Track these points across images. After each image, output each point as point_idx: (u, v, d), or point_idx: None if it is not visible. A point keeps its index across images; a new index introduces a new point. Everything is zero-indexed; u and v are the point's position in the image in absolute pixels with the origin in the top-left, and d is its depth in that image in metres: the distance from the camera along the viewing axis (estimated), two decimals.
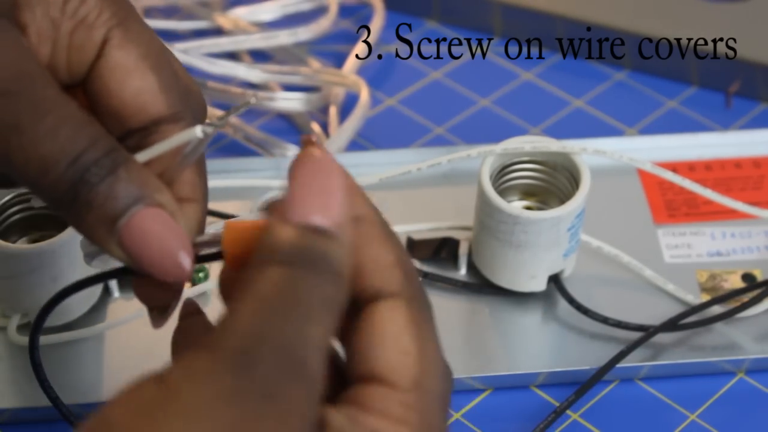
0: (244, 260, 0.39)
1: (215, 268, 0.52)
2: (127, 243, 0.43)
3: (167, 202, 0.43)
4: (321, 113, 0.74)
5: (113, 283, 0.62)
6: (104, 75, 0.46)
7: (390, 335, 0.38)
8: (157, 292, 0.46)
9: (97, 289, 0.61)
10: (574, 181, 0.61)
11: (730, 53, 0.75)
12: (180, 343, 0.45)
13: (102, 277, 0.47)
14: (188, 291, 0.60)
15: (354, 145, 0.72)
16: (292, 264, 0.37)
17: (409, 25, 0.80)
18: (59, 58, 0.46)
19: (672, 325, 0.61)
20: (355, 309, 0.39)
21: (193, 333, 0.45)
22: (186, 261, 0.43)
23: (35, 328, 0.53)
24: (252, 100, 0.45)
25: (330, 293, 0.37)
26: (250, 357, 0.35)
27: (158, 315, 0.46)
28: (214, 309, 0.62)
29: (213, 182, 0.50)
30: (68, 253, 0.58)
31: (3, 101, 0.42)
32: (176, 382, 0.35)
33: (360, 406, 0.38)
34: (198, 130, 0.43)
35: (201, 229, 0.46)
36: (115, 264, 0.45)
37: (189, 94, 0.48)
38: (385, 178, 0.62)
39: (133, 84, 0.46)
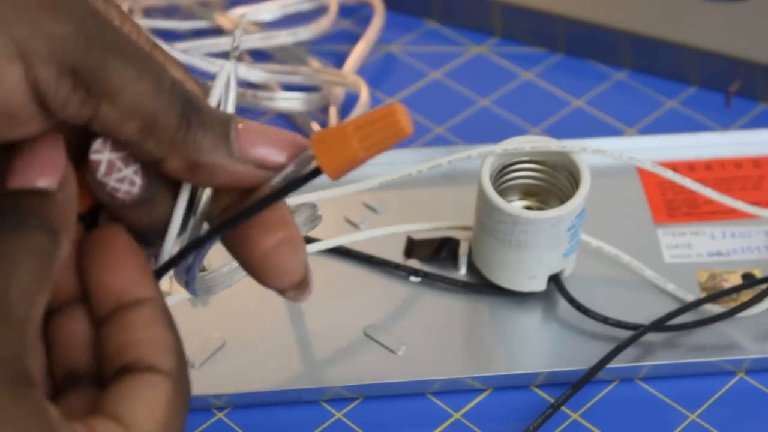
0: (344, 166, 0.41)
1: (214, 262, 0.52)
2: (247, 144, 0.42)
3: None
4: (321, 113, 0.74)
5: None
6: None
7: (147, 399, 0.41)
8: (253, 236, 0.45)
9: None
10: (574, 181, 0.61)
11: (730, 53, 0.75)
12: None
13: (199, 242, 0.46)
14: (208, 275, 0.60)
15: None
16: None
17: (409, 25, 0.80)
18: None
19: (662, 323, 0.61)
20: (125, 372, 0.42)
21: None
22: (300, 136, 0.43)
23: None
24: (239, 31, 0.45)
25: (35, 243, 0.39)
26: None
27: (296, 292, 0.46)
28: (213, 309, 0.62)
29: None
30: None
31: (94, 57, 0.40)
32: None
33: (90, 427, 0.40)
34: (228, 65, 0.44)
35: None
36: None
37: None
38: (385, 181, 0.62)
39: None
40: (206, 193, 0.44)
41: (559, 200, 0.62)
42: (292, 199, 0.61)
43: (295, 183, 0.42)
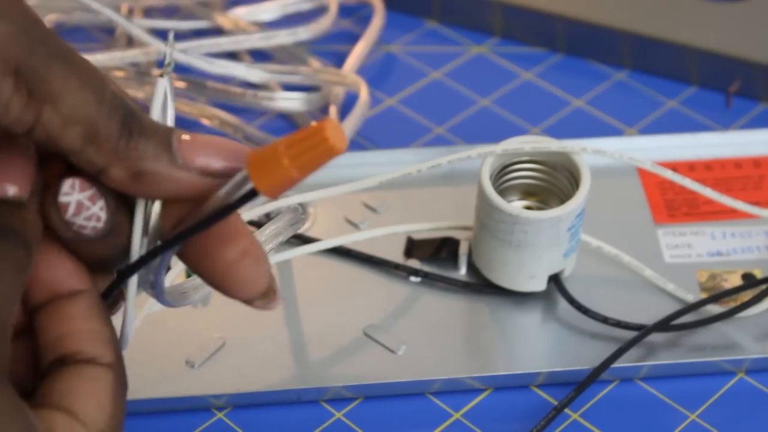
0: (278, 185, 0.40)
1: None
2: (190, 152, 0.42)
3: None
4: (321, 113, 0.74)
5: None
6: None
7: (94, 391, 0.42)
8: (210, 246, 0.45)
9: None
10: (574, 181, 0.61)
11: (730, 53, 0.75)
12: None
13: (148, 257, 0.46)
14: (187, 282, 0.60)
15: (354, 145, 0.72)
16: None
17: (409, 25, 0.80)
18: None
19: (666, 323, 0.61)
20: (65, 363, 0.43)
21: None
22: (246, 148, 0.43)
23: None
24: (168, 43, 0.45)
25: (15, 257, 0.41)
26: None
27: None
28: (213, 309, 0.62)
29: None
30: None
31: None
32: None
33: (48, 422, 0.41)
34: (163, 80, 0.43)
35: None
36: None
37: None
38: (385, 181, 0.62)
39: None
40: (155, 209, 0.44)
41: (559, 200, 0.62)
42: (279, 201, 0.61)
43: (235, 204, 0.42)
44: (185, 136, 0.43)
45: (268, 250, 0.51)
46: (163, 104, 0.44)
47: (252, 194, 0.41)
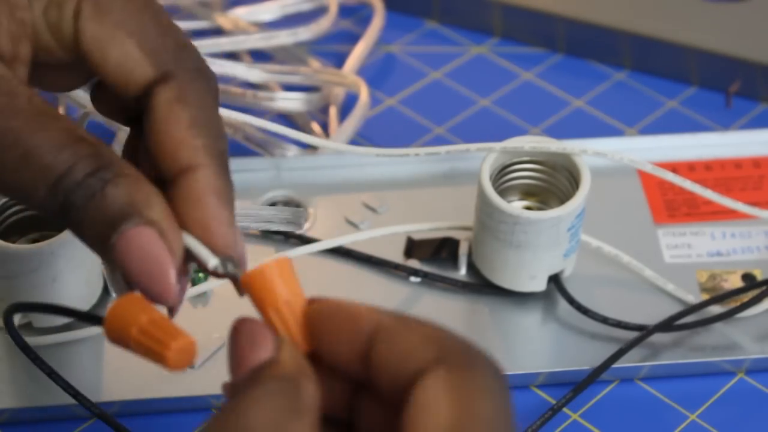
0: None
1: None
2: (119, 262, 0.42)
3: (158, 218, 0.42)
4: (321, 113, 0.74)
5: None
6: (87, 50, 0.45)
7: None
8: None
9: (97, 290, 0.61)
10: (574, 181, 0.61)
11: (730, 53, 0.75)
12: None
13: (72, 314, 0.48)
14: (189, 291, 0.60)
15: (354, 145, 0.72)
16: (262, 396, 0.40)
17: (409, 25, 0.80)
18: (47, 41, 0.46)
19: (668, 324, 0.61)
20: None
21: None
22: (173, 283, 0.43)
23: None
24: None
25: (299, 399, 0.40)
26: None
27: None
28: (213, 309, 0.62)
29: None
30: (68, 254, 0.58)
31: None
32: None
33: None
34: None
35: (226, 197, 0.45)
36: None
37: (183, 49, 0.47)
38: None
39: (112, 55, 0.45)
40: None
41: (559, 200, 0.62)
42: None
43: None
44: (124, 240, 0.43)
45: (253, 226, 0.51)
46: None
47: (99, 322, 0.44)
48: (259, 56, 0.77)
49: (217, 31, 0.78)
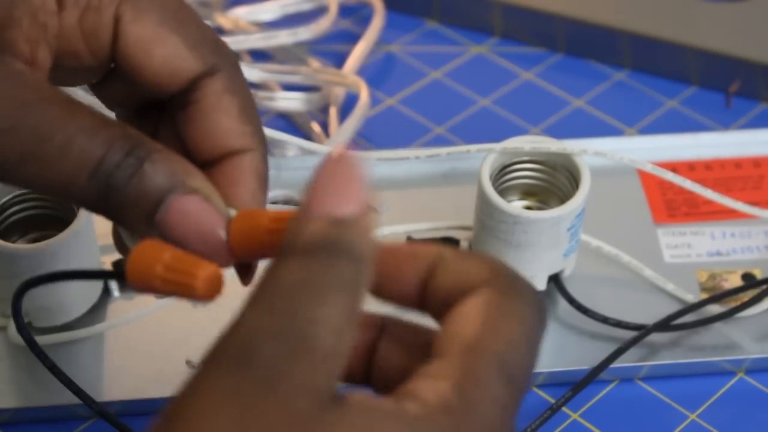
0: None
1: None
2: (169, 234, 0.43)
3: (200, 185, 0.43)
4: (321, 113, 0.74)
5: (113, 283, 0.62)
6: (128, 53, 0.46)
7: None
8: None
9: (97, 290, 0.61)
10: (574, 181, 0.61)
11: (730, 53, 0.75)
12: None
13: (88, 275, 0.47)
14: None
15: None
16: (306, 254, 0.37)
17: (409, 25, 0.80)
18: (77, 47, 0.46)
19: (667, 324, 0.61)
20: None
21: None
22: (225, 241, 0.43)
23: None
24: None
25: (346, 275, 0.37)
26: (249, 349, 0.36)
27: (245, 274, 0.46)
28: (213, 308, 0.62)
29: None
30: (68, 254, 0.58)
31: (4, 139, 0.42)
32: (182, 397, 0.36)
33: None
34: None
35: (265, 180, 0.47)
36: None
37: (219, 44, 0.48)
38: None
39: (158, 53, 0.46)
40: None
41: (559, 200, 0.62)
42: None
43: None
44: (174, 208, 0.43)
45: None
46: None
47: (117, 275, 0.43)
48: (259, 56, 0.77)
49: (218, 31, 0.78)
